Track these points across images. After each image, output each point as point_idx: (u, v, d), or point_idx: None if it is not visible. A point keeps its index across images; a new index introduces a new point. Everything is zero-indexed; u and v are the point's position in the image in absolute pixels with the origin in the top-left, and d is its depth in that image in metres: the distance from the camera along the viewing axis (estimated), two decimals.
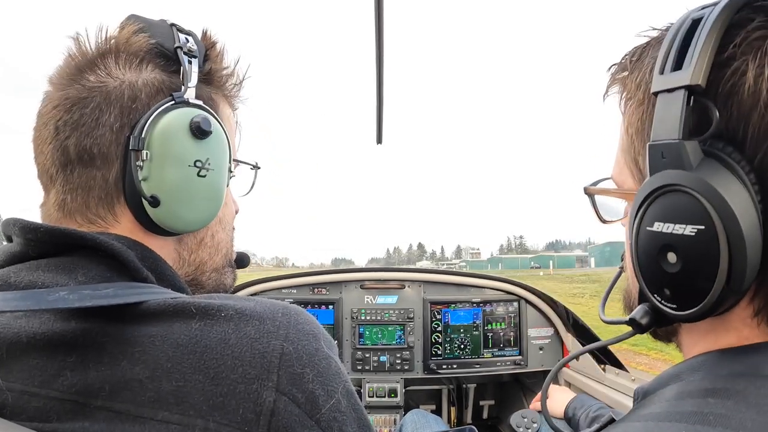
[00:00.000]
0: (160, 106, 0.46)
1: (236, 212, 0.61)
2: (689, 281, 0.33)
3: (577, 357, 0.50)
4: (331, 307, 1.84)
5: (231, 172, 0.53)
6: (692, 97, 0.32)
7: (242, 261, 0.63)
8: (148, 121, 0.45)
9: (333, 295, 1.86)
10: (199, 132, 0.47)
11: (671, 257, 0.33)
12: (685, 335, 0.40)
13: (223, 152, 0.50)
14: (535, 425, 1.25)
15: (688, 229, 0.32)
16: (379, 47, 1.43)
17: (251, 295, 1.84)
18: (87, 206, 0.46)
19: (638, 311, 0.38)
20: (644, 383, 0.40)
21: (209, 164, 0.48)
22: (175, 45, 0.49)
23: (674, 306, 0.35)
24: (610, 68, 0.42)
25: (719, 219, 0.30)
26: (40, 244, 0.42)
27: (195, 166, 0.47)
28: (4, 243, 0.46)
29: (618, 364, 1.55)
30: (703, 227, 0.31)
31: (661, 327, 0.38)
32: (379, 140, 2.00)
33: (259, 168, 0.62)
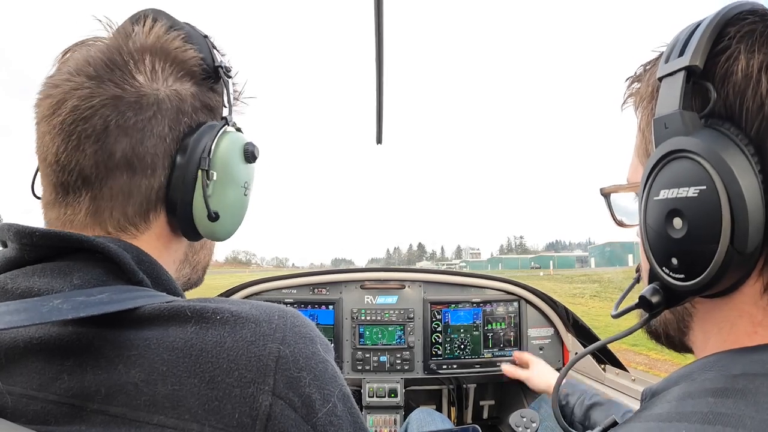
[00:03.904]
0: (220, 129, 0.49)
1: None
2: (695, 244, 0.34)
3: (581, 357, 0.51)
4: (331, 307, 1.83)
5: None
6: (692, 78, 0.36)
7: None
8: (214, 143, 0.48)
9: (333, 295, 1.86)
10: (252, 158, 0.52)
11: (677, 222, 0.35)
12: (698, 328, 0.40)
13: (254, 173, 0.56)
14: (534, 425, 1.24)
15: (691, 191, 0.34)
16: (379, 45, 1.43)
17: (251, 295, 1.84)
18: (124, 213, 0.45)
19: (648, 290, 0.38)
20: (653, 384, 0.40)
21: (247, 185, 0.54)
22: (216, 63, 0.51)
23: (682, 276, 0.35)
24: (626, 80, 0.45)
25: (719, 177, 0.32)
26: (36, 249, 0.41)
27: (243, 187, 0.53)
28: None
29: (618, 364, 1.55)
30: (704, 187, 0.33)
31: (671, 306, 0.38)
32: (379, 140, 2.00)
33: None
